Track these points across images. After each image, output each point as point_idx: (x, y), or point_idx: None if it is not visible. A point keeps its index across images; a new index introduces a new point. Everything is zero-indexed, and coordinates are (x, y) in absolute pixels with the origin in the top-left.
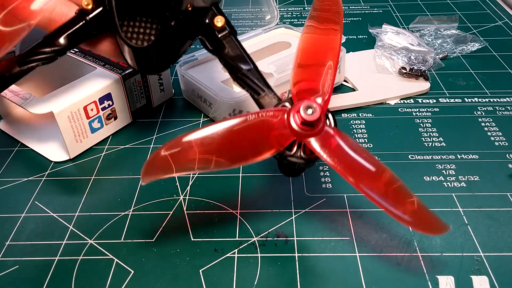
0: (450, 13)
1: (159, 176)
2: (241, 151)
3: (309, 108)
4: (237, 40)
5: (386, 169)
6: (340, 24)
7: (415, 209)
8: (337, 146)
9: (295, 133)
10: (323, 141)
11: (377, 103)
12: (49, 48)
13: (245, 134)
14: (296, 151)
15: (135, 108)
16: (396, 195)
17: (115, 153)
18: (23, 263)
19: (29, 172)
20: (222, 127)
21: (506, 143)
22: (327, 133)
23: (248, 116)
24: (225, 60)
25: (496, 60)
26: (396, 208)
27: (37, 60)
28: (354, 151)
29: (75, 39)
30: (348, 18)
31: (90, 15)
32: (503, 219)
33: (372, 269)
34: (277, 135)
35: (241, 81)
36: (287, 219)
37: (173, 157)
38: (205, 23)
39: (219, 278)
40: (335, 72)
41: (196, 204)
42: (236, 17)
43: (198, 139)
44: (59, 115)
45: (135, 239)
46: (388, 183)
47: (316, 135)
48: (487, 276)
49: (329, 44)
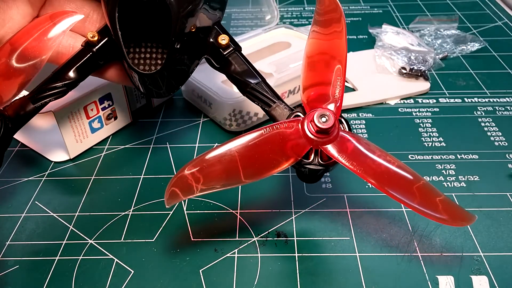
0: (450, 13)
1: (183, 197)
2: (259, 165)
3: (323, 117)
4: (243, 56)
5: (407, 167)
6: (343, 25)
7: (446, 205)
8: (354, 149)
9: (311, 141)
10: (339, 146)
11: (377, 103)
12: (60, 82)
13: (263, 147)
14: (314, 158)
15: (135, 108)
16: (423, 193)
17: (115, 153)
18: (23, 263)
19: (29, 172)
20: (239, 143)
21: (506, 143)
22: (343, 138)
23: (264, 130)
24: (232, 77)
25: (496, 60)
26: (427, 207)
27: (50, 95)
28: (372, 152)
29: (84, 71)
30: (348, 18)
31: (96, 47)
32: (503, 219)
33: (372, 269)
34: (294, 145)
35: (251, 95)
36: (287, 219)
37: (196, 176)
38: (209, 42)
39: (219, 278)
40: (344, 77)
41: (196, 204)
42: (236, 17)
43: (217, 156)
44: (59, 115)
45: (135, 239)
46: (412, 181)
47: (332, 142)
48: (487, 276)
49: (336, 48)
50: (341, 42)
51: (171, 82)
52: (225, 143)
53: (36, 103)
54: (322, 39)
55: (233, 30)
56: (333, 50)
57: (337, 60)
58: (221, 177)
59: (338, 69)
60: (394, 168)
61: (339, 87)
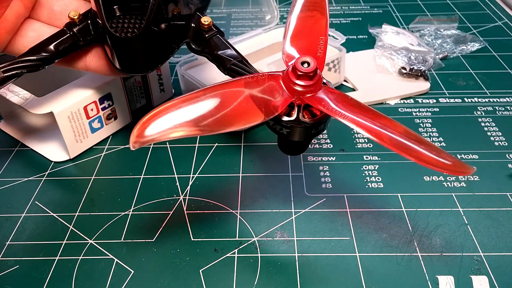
0: (450, 13)
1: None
2: (232, 114)
3: (304, 63)
4: (225, 39)
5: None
6: (325, 10)
7: (445, 153)
8: (339, 97)
9: (292, 92)
10: (324, 95)
11: (377, 103)
12: (35, 56)
13: (236, 101)
14: (297, 115)
15: (135, 108)
16: (419, 138)
17: (115, 153)
18: (23, 263)
19: (29, 172)
20: (212, 102)
21: (506, 143)
22: (327, 88)
23: (245, 79)
24: (213, 55)
25: (496, 60)
26: (429, 150)
27: (22, 67)
28: (358, 103)
29: (61, 50)
30: (348, 18)
31: (76, 27)
32: (503, 219)
33: (372, 269)
34: (273, 101)
35: (232, 72)
36: (287, 219)
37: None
38: (191, 27)
39: (219, 278)
40: (326, 41)
41: (196, 204)
42: (236, 17)
43: (188, 110)
44: (59, 115)
45: (135, 239)
46: (406, 129)
47: (315, 92)
48: (487, 276)
49: (318, 24)
50: (323, 19)
51: (148, 57)
52: (197, 96)
53: (7, 73)
54: (305, 13)
55: (233, 30)
56: (315, 25)
57: (318, 28)
58: (190, 128)
59: (320, 32)
60: (385, 117)
61: (322, 45)
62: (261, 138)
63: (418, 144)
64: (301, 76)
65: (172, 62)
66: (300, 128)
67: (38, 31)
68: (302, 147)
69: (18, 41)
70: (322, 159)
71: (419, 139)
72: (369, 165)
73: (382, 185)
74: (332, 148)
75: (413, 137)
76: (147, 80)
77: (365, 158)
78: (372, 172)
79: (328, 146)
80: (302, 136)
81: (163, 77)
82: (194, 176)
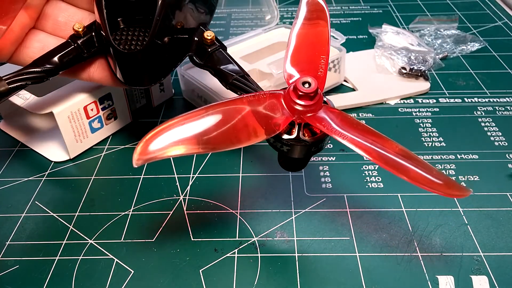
0: (450, 13)
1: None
2: (233, 134)
3: (305, 83)
4: (227, 53)
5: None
6: (326, 20)
7: (440, 173)
8: (339, 117)
9: (293, 111)
10: (324, 115)
11: (377, 103)
12: (39, 68)
13: (239, 116)
14: (298, 133)
15: (135, 108)
16: (416, 160)
17: (115, 153)
18: (23, 263)
19: (29, 172)
20: (214, 120)
21: (506, 143)
22: (327, 109)
23: (244, 98)
24: (216, 70)
25: (496, 60)
26: (425, 170)
27: (27, 79)
28: (358, 125)
29: (65, 61)
30: (348, 18)
31: (81, 39)
32: (503, 219)
33: (372, 269)
34: (274, 118)
35: (235, 86)
36: (287, 219)
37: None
38: (194, 40)
39: (219, 278)
40: (328, 57)
41: (196, 204)
42: (236, 17)
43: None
44: (59, 115)
45: (135, 239)
46: (402, 149)
47: (315, 112)
48: (487, 276)
49: (319, 36)
50: (325, 30)
51: (151, 71)
52: (199, 114)
53: (12, 84)
54: (307, 29)
55: (233, 30)
56: (317, 37)
57: (320, 44)
58: (190, 147)
59: (322, 50)
60: (383, 137)
61: (323, 65)
62: None
63: (416, 165)
64: (302, 96)
65: None
66: (300, 146)
67: (43, 42)
68: (302, 164)
69: (23, 52)
70: (322, 159)
71: (417, 161)
72: (369, 165)
73: (382, 185)
74: (332, 148)
75: (411, 159)
76: None
77: (365, 158)
78: (372, 172)
79: (328, 146)
80: (302, 153)
81: None
82: (194, 176)
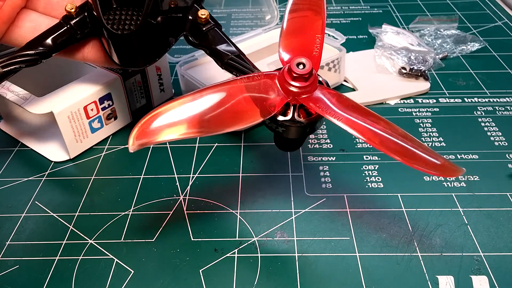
0: (450, 13)
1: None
2: (229, 116)
3: (300, 64)
4: (223, 32)
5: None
6: (322, 8)
7: (436, 154)
8: (335, 98)
9: (288, 93)
10: (320, 95)
11: (377, 103)
12: (33, 50)
13: (235, 98)
14: (293, 115)
15: (135, 108)
16: (413, 140)
17: (115, 153)
18: (23, 263)
19: (29, 172)
20: (211, 101)
21: (506, 143)
22: (323, 88)
23: (240, 80)
24: (211, 49)
25: (496, 60)
26: (421, 150)
27: (20, 62)
28: (355, 104)
29: (59, 43)
30: (348, 18)
31: (74, 20)
32: (503, 219)
33: (372, 269)
34: (269, 99)
35: (230, 66)
36: (287, 219)
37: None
38: (188, 19)
39: (219, 278)
40: (323, 40)
41: (196, 204)
42: (236, 17)
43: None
44: (59, 115)
45: (135, 239)
46: (399, 130)
47: (310, 93)
48: (487, 276)
49: (315, 22)
50: (320, 8)
51: (146, 51)
52: (193, 97)
53: (6, 68)
54: (301, 8)
55: (233, 30)
56: (312, 23)
57: (315, 26)
58: (187, 130)
59: (317, 29)
60: (383, 119)
61: (318, 44)
62: (261, 138)
63: (415, 146)
64: (296, 78)
65: (172, 62)
66: (295, 127)
67: (35, 22)
68: (297, 144)
69: (14, 32)
70: (322, 159)
71: (416, 142)
72: (369, 165)
73: (382, 185)
74: (332, 148)
75: (410, 140)
76: (147, 80)
77: (365, 158)
78: (372, 172)
79: (328, 146)
80: (297, 134)
81: (163, 77)
82: (194, 176)
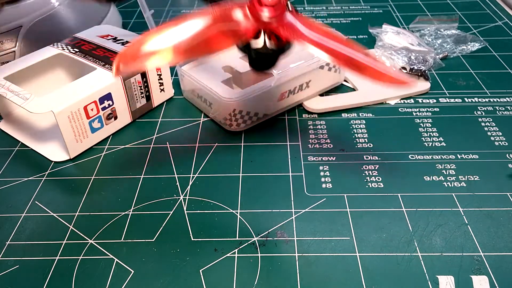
0: (450, 13)
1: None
2: (202, 44)
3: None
4: None
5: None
6: None
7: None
8: (303, 21)
9: (258, 20)
10: (291, 19)
11: (377, 103)
12: None
13: (208, 29)
14: (264, 42)
15: (135, 108)
16: (375, 57)
17: (115, 153)
18: (23, 263)
19: (29, 172)
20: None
21: (506, 143)
22: (293, 14)
23: (211, 11)
24: None
25: (496, 60)
26: (382, 65)
27: None
28: (319, 26)
29: None
30: (348, 18)
31: None
32: (503, 219)
33: (372, 269)
34: (240, 27)
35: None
36: (287, 219)
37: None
38: None
39: (219, 278)
40: None
41: (196, 204)
42: None
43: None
44: (59, 115)
45: (135, 239)
46: (367, 51)
47: (280, 19)
48: (487, 276)
49: None
50: None
51: None
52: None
53: None
54: None
55: None
56: None
57: None
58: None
59: None
60: (342, 34)
61: None
62: (261, 138)
63: (375, 63)
64: (264, 6)
65: None
66: (267, 53)
67: None
68: (270, 64)
69: None
70: (322, 159)
71: (376, 60)
72: (369, 165)
73: (382, 185)
74: (332, 148)
75: (373, 58)
76: (147, 80)
77: (365, 158)
78: (372, 172)
79: (328, 146)
80: (269, 58)
81: (163, 77)
82: (194, 176)
